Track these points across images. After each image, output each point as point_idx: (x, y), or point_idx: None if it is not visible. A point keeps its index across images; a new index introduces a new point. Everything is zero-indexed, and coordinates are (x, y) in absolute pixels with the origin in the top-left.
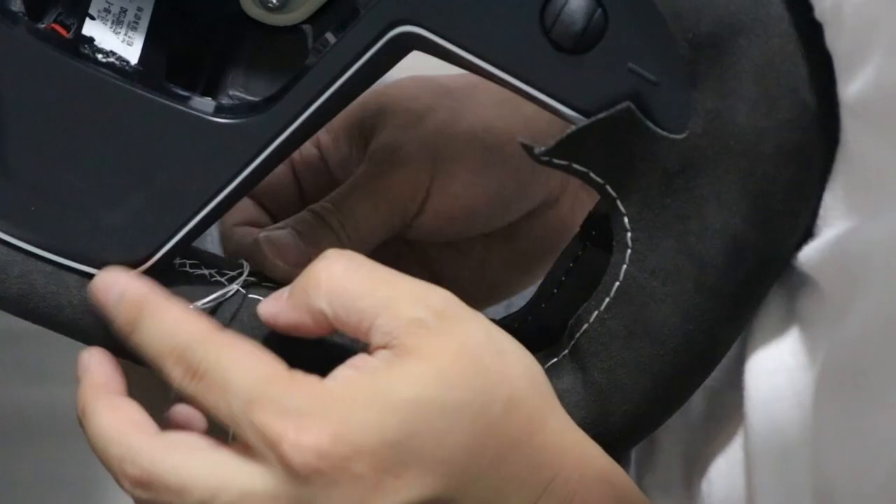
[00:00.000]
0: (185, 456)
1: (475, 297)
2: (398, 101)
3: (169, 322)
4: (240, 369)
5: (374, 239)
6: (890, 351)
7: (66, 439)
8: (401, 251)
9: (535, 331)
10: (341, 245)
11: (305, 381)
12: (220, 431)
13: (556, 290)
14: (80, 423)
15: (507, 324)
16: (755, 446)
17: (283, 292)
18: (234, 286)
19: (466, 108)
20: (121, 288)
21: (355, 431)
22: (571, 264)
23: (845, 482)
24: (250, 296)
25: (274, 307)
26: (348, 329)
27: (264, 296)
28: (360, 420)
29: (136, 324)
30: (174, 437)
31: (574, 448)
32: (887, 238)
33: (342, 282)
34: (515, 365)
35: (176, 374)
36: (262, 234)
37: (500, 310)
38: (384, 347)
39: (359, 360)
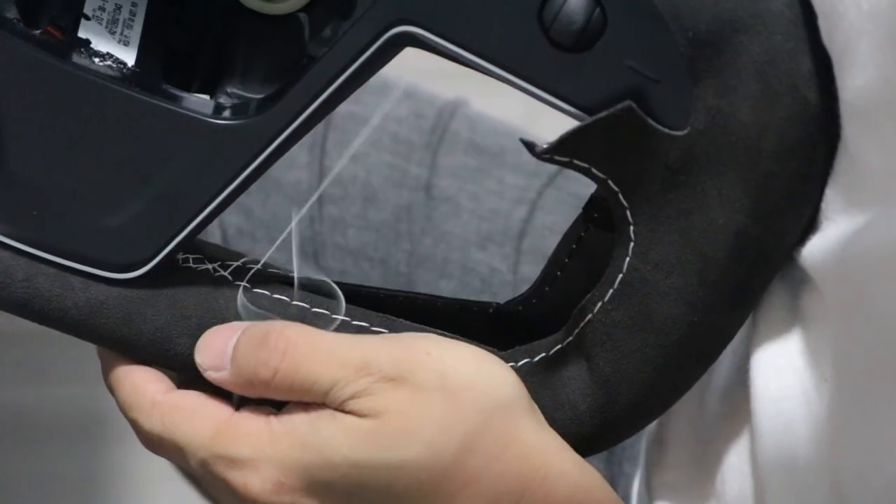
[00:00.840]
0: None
1: None
2: None
3: (126, 392)
4: (187, 432)
5: None
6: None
7: (66, 439)
8: None
9: (539, 314)
10: None
11: (250, 427)
12: None
13: (559, 273)
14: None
15: (511, 308)
16: (764, 445)
17: (226, 357)
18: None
19: None
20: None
21: (296, 478)
22: (574, 246)
23: (854, 480)
24: (255, 290)
25: (215, 375)
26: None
27: (269, 290)
28: (300, 468)
29: (112, 391)
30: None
31: (541, 468)
32: (886, 240)
33: (287, 377)
34: (473, 401)
35: (142, 443)
36: None
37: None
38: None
39: (316, 405)
